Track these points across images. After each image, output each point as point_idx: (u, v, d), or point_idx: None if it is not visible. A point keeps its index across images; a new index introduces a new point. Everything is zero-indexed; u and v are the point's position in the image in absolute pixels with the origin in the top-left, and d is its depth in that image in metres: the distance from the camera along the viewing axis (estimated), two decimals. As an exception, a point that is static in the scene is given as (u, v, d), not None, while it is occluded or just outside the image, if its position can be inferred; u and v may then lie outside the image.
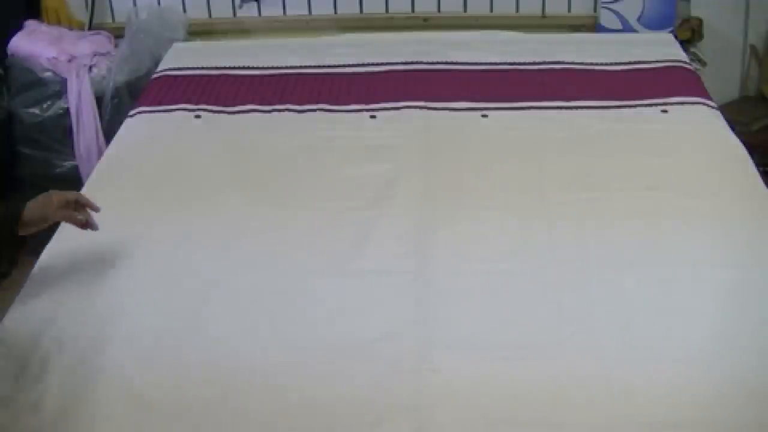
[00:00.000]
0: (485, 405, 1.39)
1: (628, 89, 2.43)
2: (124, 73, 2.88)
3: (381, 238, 1.81)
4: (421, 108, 2.35)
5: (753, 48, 3.21)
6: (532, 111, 2.33)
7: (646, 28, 3.03)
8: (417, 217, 1.87)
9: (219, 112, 2.39)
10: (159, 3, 3.13)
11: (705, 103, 2.35)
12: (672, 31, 2.97)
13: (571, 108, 2.34)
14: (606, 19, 3.06)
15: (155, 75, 2.66)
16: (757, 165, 2.07)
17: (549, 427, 1.36)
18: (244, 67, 2.63)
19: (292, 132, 2.28)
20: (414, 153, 2.14)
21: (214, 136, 2.28)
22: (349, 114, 2.36)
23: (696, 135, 2.21)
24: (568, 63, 2.59)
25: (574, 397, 1.39)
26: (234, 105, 2.42)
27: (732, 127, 2.25)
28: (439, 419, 1.37)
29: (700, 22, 3.07)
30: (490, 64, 2.61)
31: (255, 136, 2.27)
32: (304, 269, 1.73)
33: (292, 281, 1.69)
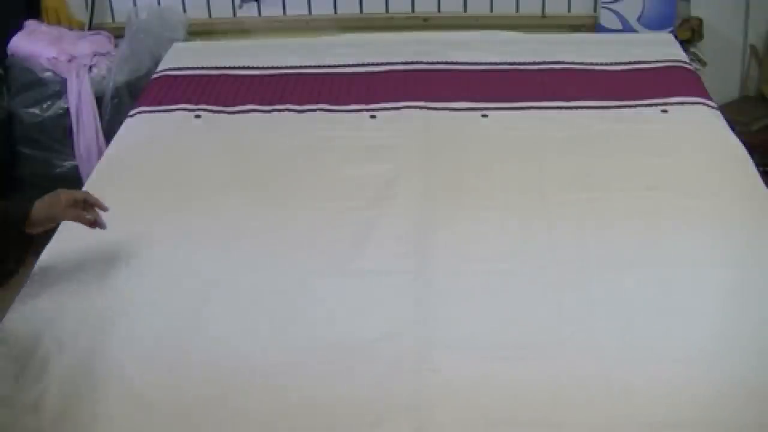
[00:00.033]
0: (485, 405, 1.39)
1: (628, 89, 2.43)
2: (124, 73, 2.88)
3: (381, 238, 1.81)
4: (421, 108, 2.35)
5: (753, 48, 3.21)
6: (532, 111, 2.33)
7: (646, 28, 3.03)
8: (417, 217, 1.87)
9: (219, 112, 2.39)
10: (159, 3, 3.13)
11: (705, 103, 2.35)
12: (672, 31, 2.97)
13: (571, 108, 2.33)
14: (606, 19, 3.06)
15: (155, 75, 2.66)
16: (757, 165, 2.07)
17: (549, 427, 1.36)
18: (244, 67, 2.63)
19: (292, 132, 2.28)
20: (414, 153, 2.14)
21: (214, 136, 2.28)
22: (349, 114, 2.36)
23: (696, 135, 2.21)
24: (568, 63, 2.59)
25: (574, 397, 1.39)
26: (234, 105, 2.42)
27: (732, 127, 2.25)
28: (439, 419, 1.37)
29: (700, 22, 3.07)
30: (490, 64, 2.61)
31: (255, 136, 2.27)
32: (304, 269, 1.73)
33: (292, 281, 1.69)
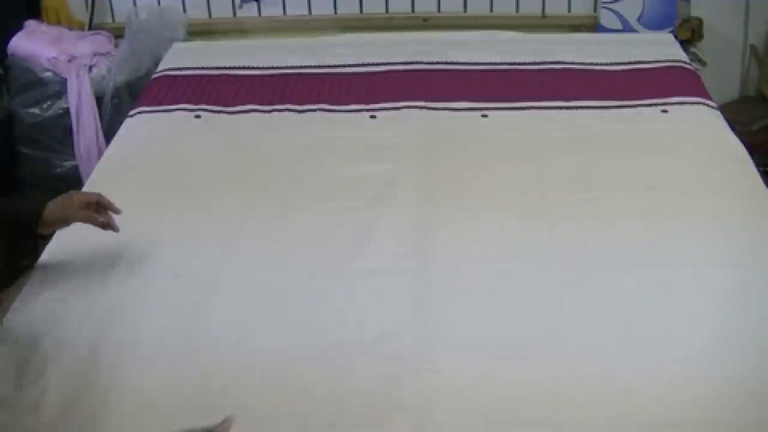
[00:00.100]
0: (485, 405, 1.39)
1: (628, 89, 2.43)
2: (124, 73, 2.88)
3: (381, 238, 1.81)
4: (421, 108, 2.35)
5: (753, 48, 3.20)
6: (532, 111, 2.33)
7: (646, 28, 3.03)
8: (417, 217, 1.87)
9: (219, 112, 2.39)
10: (159, 3, 3.13)
11: (705, 103, 2.35)
12: (672, 31, 2.97)
13: (571, 108, 2.33)
14: (606, 19, 3.06)
15: (155, 75, 2.66)
16: (757, 165, 2.07)
17: (549, 427, 1.36)
18: (244, 67, 2.63)
19: (292, 132, 2.28)
20: (414, 153, 2.14)
21: (214, 136, 2.28)
22: (349, 114, 2.36)
23: (696, 135, 2.21)
24: (568, 63, 2.59)
25: (574, 397, 1.39)
26: (234, 105, 2.42)
27: (732, 127, 2.25)
28: (439, 419, 1.37)
29: (700, 22, 3.07)
30: (490, 64, 2.61)
31: (255, 136, 2.27)
32: (304, 269, 1.73)
33: (292, 281, 1.69)
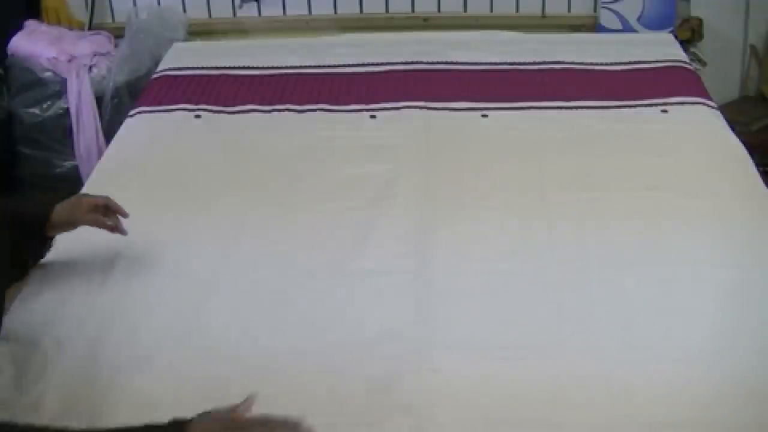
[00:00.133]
0: (485, 405, 1.39)
1: (628, 89, 2.43)
2: (124, 73, 2.88)
3: (381, 238, 1.80)
4: (421, 108, 2.35)
5: (753, 48, 3.20)
6: (532, 111, 2.33)
7: (646, 28, 3.02)
8: (417, 217, 1.87)
9: (219, 112, 2.39)
10: (159, 3, 3.13)
11: (705, 103, 2.35)
12: (672, 31, 2.97)
13: (571, 108, 2.33)
14: (606, 19, 3.06)
15: (155, 75, 2.66)
16: (757, 165, 2.07)
17: (549, 427, 1.36)
18: (244, 67, 2.63)
19: (292, 132, 2.28)
20: (414, 153, 2.14)
21: (214, 136, 2.28)
22: (349, 114, 2.36)
23: (696, 135, 2.21)
24: (568, 63, 2.59)
25: (574, 397, 1.39)
26: (234, 105, 2.42)
27: (732, 127, 2.25)
28: (439, 419, 1.37)
29: (700, 22, 3.07)
30: (490, 64, 2.61)
31: (255, 136, 2.27)
32: (304, 269, 1.73)
33: (292, 281, 1.69)
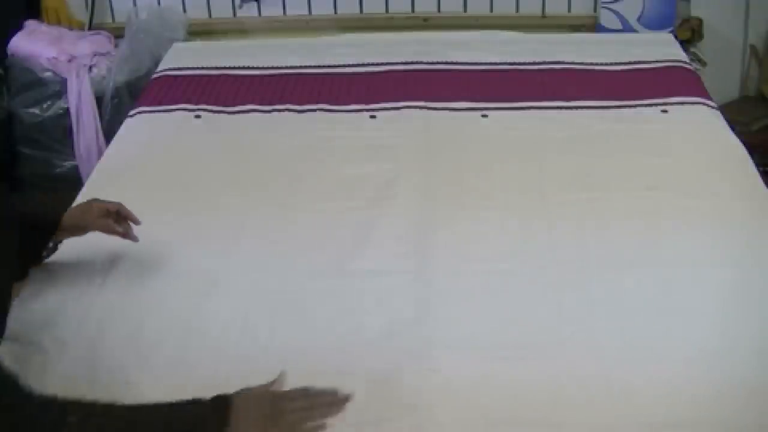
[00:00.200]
0: (485, 405, 1.39)
1: (628, 89, 2.43)
2: (124, 73, 2.88)
3: (381, 238, 1.80)
4: (421, 108, 2.35)
5: (753, 48, 3.20)
6: (532, 111, 2.33)
7: (646, 28, 3.03)
8: (417, 217, 1.87)
9: (219, 112, 2.39)
10: (159, 3, 3.13)
11: (705, 103, 2.34)
12: (672, 31, 2.97)
13: (571, 108, 2.33)
14: (606, 19, 3.06)
15: (155, 75, 2.66)
16: (757, 165, 2.06)
17: (549, 427, 1.36)
18: (244, 67, 2.63)
19: (292, 132, 2.28)
20: (414, 153, 2.14)
21: (214, 136, 2.28)
22: (349, 114, 2.36)
23: (696, 135, 2.21)
24: (568, 63, 2.59)
25: (574, 397, 1.39)
26: (234, 105, 2.42)
27: (732, 127, 2.25)
28: (439, 419, 1.36)
29: (700, 22, 3.07)
30: (490, 64, 2.61)
31: (255, 136, 2.27)
32: (304, 269, 1.73)
33: (292, 281, 1.69)
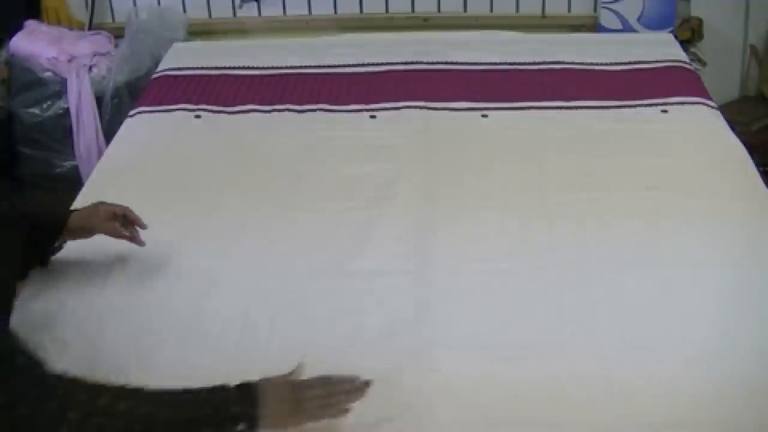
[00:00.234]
0: (485, 405, 1.39)
1: (628, 89, 2.43)
2: (124, 73, 2.88)
3: (381, 238, 1.80)
4: (421, 108, 2.35)
5: (753, 48, 3.20)
6: (532, 111, 2.33)
7: (646, 28, 3.03)
8: (417, 217, 1.87)
9: (219, 112, 2.39)
10: (159, 3, 3.13)
11: (705, 103, 2.35)
12: (672, 31, 2.97)
13: (571, 108, 2.34)
14: (606, 19, 3.06)
15: (155, 75, 2.66)
16: (757, 165, 2.07)
17: (549, 427, 1.36)
18: (244, 67, 2.63)
19: (292, 132, 2.28)
20: (414, 153, 2.14)
21: (214, 136, 2.28)
22: (349, 114, 2.36)
23: (696, 135, 2.21)
24: (568, 63, 2.59)
25: (574, 397, 1.39)
26: (234, 105, 2.42)
27: (732, 127, 2.25)
28: (439, 419, 1.37)
29: (700, 22, 3.07)
30: (490, 64, 2.61)
31: (255, 136, 2.27)
32: (304, 269, 1.73)
33: (292, 281, 1.69)
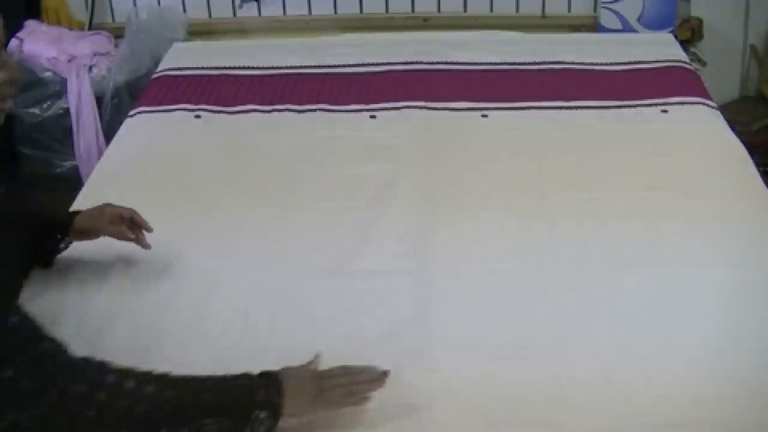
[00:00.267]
0: (485, 405, 1.39)
1: (628, 89, 2.43)
2: (124, 73, 2.88)
3: (381, 238, 1.80)
4: (421, 108, 2.35)
5: (753, 48, 3.21)
6: (532, 111, 2.33)
7: (646, 28, 3.03)
8: (417, 217, 1.87)
9: (219, 112, 2.39)
10: (159, 3, 3.13)
11: (705, 103, 2.35)
12: (672, 31, 2.97)
13: (571, 108, 2.33)
14: (606, 19, 3.06)
15: (155, 75, 2.65)
16: (757, 165, 2.06)
17: (549, 428, 1.35)
18: (244, 67, 2.63)
19: (292, 132, 2.28)
20: (414, 153, 2.14)
21: (214, 136, 2.28)
22: (349, 114, 2.36)
23: (696, 135, 2.21)
24: (568, 63, 2.59)
25: (574, 398, 1.39)
26: (234, 105, 2.42)
27: (732, 127, 2.25)
28: (439, 419, 1.36)
29: (700, 22, 3.07)
30: (490, 64, 2.61)
31: (255, 136, 2.27)
32: (304, 269, 1.72)
33: (292, 281, 1.69)
